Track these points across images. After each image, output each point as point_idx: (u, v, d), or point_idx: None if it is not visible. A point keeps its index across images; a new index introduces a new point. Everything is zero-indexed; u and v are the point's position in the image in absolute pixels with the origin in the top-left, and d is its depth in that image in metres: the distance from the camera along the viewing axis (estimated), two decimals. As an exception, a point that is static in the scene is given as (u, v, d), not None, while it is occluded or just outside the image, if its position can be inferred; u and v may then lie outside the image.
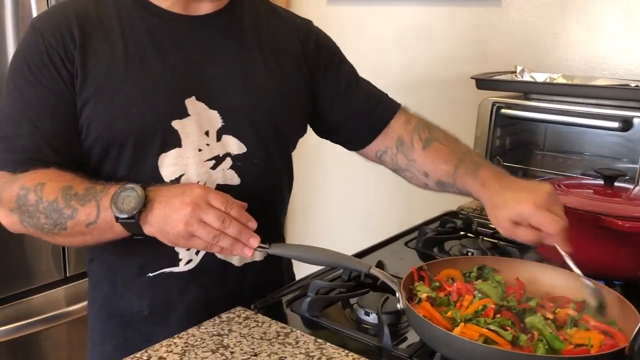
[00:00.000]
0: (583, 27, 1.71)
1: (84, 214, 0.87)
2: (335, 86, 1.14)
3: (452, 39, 1.96)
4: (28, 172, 0.93)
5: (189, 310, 1.03)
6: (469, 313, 0.87)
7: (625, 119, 1.30)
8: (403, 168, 1.16)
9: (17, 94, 0.96)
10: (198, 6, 1.01)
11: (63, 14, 0.97)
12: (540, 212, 0.89)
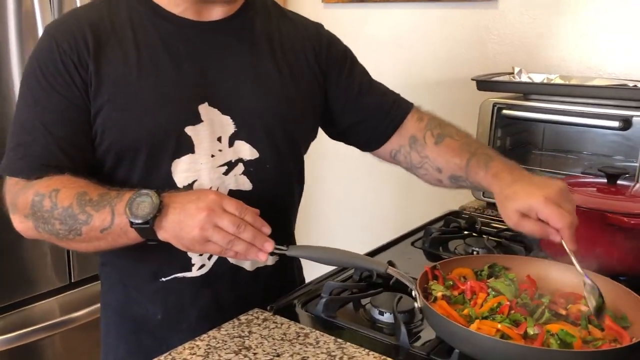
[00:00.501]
0: (578, 27, 1.74)
1: (99, 220, 0.88)
2: (349, 89, 1.15)
3: (450, 41, 1.98)
4: (42, 178, 0.93)
5: (202, 315, 1.04)
6: (484, 311, 0.89)
7: (625, 118, 1.33)
8: (417, 166, 1.17)
9: (31, 100, 0.97)
10: (210, 12, 1.02)
11: (76, 21, 0.98)
12: (549, 206, 0.90)
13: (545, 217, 0.90)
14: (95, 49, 0.95)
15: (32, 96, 0.96)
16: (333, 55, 1.13)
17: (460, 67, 1.98)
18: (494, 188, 1.00)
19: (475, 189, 1.10)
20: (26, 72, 0.99)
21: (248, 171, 1.01)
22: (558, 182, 0.95)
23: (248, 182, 1.02)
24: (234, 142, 1.00)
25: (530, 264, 1.05)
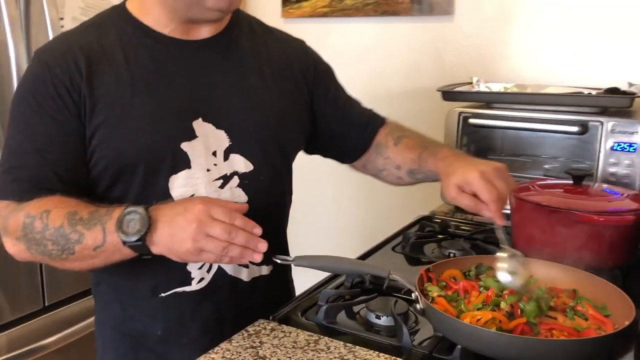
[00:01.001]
0: (530, 39, 1.86)
1: (91, 239, 0.89)
2: (334, 103, 1.21)
3: (409, 53, 2.06)
4: (33, 200, 0.93)
5: (202, 328, 1.06)
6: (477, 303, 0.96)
7: (582, 123, 1.44)
8: (380, 169, 1.24)
9: (22, 124, 0.97)
10: (197, 31, 1.04)
11: (67, 46, 0.99)
12: (481, 181, 0.97)
13: (476, 190, 0.98)
14: (87, 72, 0.96)
15: (24, 120, 0.97)
16: (319, 74, 1.19)
17: (421, 78, 2.06)
18: (439, 169, 1.09)
19: (428, 179, 1.16)
20: (18, 96, 0.99)
21: (243, 184, 1.04)
22: (497, 163, 1.03)
23: (243, 195, 1.05)
24: (229, 156, 1.03)
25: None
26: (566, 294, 1.01)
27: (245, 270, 1.07)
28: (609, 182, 1.41)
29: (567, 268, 1.07)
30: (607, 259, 1.17)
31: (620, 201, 1.24)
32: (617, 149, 1.41)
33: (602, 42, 1.76)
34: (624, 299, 0.94)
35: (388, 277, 0.97)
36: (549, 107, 1.51)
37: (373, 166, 1.26)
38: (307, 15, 2.18)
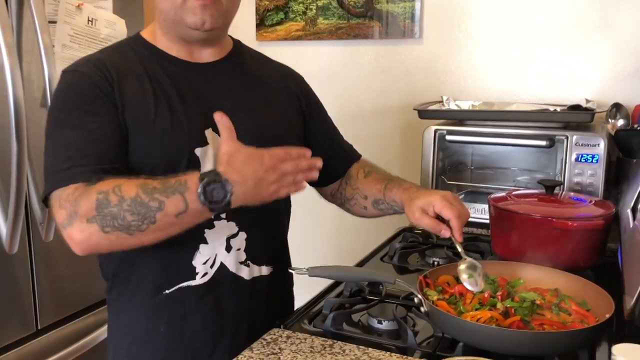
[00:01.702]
0: (495, 59, 2.00)
1: (172, 205, 0.93)
2: (322, 130, 1.33)
3: (381, 74, 2.17)
4: (99, 182, 0.96)
5: (203, 323, 1.12)
6: (475, 304, 1.06)
7: (550, 138, 1.57)
8: (348, 198, 1.35)
9: (74, 121, 1.02)
10: (200, 54, 1.16)
11: (98, 61, 1.09)
12: (443, 202, 1.13)
13: (439, 209, 1.13)
14: (117, 80, 1.06)
15: (75, 118, 1.02)
16: (312, 102, 1.31)
17: (392, 97, 2.17)
18: (403, 197, 1.22)
19: (390, 210, 1.28)
20: (59, 101, 1.06)
21: None
22: (450, 192, 1.20)
23: None
24: None
25: (498, 267, 1.22)
26: (550, 293, 1.12)
27: (246, 268, 1.15)
28: (575, 191, 1.55)
29: (548, 269, 1.19)
30: (580, 259, 1.29)
31: (587, 207, 1.36)
32: (581, 160, 1.55)
33: (559, 62, 1.91)
34: (602, 293, 1.05)
35: (394, 282, 1.05)
36: (518, 123, 1.63)
37: (341, 195, 1.36)
38: (281, 38, 2.27)
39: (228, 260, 1.12)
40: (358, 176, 1.33)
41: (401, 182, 1.27)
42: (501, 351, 0.94)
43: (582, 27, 1.87)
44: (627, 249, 1.10)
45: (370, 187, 1.30)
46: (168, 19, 1.10)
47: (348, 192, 1.34)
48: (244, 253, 1.13)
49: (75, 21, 1.62)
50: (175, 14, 1.07)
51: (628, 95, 1.82)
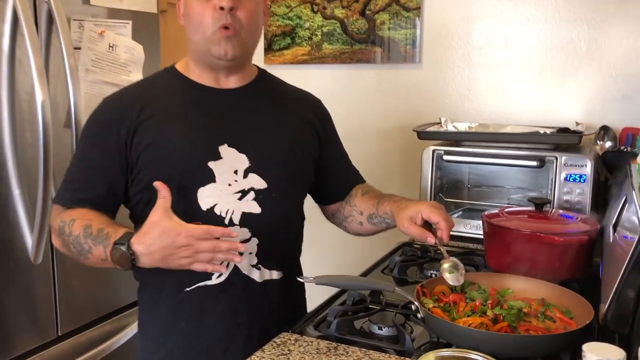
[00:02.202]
0: (490, 82, 2.11)
1: (97, 252, 1.14)
2: (334, 152, 1.46)
3: (382, 96, 2.29)
4: (71, 209, 1.20)
5: (219, 319, 1.25)
6: (467, 311, 1.15)
7: (540, 158, 1.67)
8: (346, 216, 1.45)
9: (80, 150, 1.27)
10: (226, 81, 1.30)
11: (129, 91, 1.29)
12: (430, 207, 1.25)
13: (427, 215, 1.24)
14: (141, 109, 1.22)
15: (82, 148, 1.26)
16: (328, 126, 1.44)
17: (392, 119, 2.29)
18: (393, 208, 1.33)
19: (382, 224, 1.38)
20: (83, 130, 1.28)
21: (258, 198, 1.25)
22: (435, 202, 1.35)
23: (257, 207, 1.25)
24: (248, 175, 1.25)
25: (489, 278, 1.32)
26: (536, 302, 1.22)
27: (257, 271, 1.26)
28: (564, 208, 1.65)
29: (536, 281, 1.28)
30: (567, 272, 1.39)
31: (575, 224, 1.47)
32: (569, 179, 1.65)
33: (550, 86, 2.03)
34: (584, 303, 1.15)
35: (394, 291, 1.15)
36: (511, 144, 1.74)
37: (341, 214, 1.47)
38: (288, 62, 2.39)
39: (241, 262, 1.23)
40: (357, 195, 1.45)
41: (392, 196, 1.39)
42: (489, 353, 1.03)
43: (572, 53, 1.99)
44: (606, 262, 1.20)
45: (365, 203, 1.42)
46: (199, 50, 1.24)
47: (347, 210, 1.45)
48: (255, 257, 1.25)
49: (98, 47, 1.74)
50: (205, 45, 1.22)
51: (615, 118, 1.93)
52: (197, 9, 1.21)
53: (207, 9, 1.19)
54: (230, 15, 1.19)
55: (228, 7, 1.18)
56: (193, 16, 1.22)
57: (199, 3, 1.20)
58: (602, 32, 1.94)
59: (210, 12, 1.19)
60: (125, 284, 1.88)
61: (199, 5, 1.20)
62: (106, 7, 1.77)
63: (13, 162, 1.56)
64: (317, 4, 2.31)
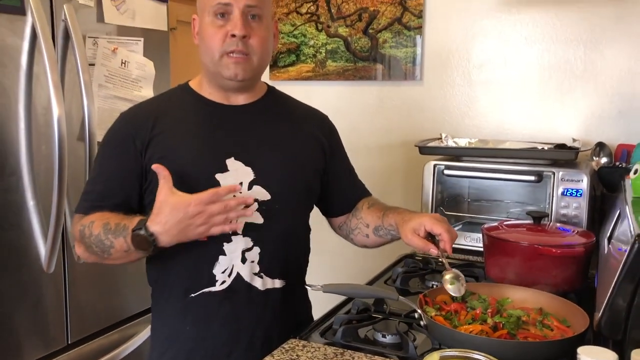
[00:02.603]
0: (490, 99, 2.18)
1: (119, 245, 1.19)
2: (341, 166, 1.51)
3: (384, 112, 2.35)
4: (89, 215, 1.27)
5: (222, 324, 1.30)
6: (468, 319, 1.20)
7: (538, 173, 1.73)
8: (353, 228, 1.50)
9: (99, 163, 1.32)
10: (235, 98, 1.35)
11: (145, 106, 1.35)
12: (432, 219, 1.30)
13: (430, 227, 1.28)
14: (154, 123, 1.28)
15: (100, 160, 1.32)
16: (335, 141, 1.49)
17: (394, 134, 2.35)
18: (397, 220, 1.38)
19: (387, 236, 1.43)
20: (101, 143, 1.34)
21: (261, 209, 1.30)
22: (437, 214, 1.40)
23: (260, 217, 1.30)
24: (253, 187, 1.30)
25: (489, 288, 1.37)
26: (534, 311, 1.26)
27: (259, 279, 1.31)
28: (561, 222, 1.70)
29: (534, 291, 1.33)
30: (564, 283, 1.43)
31: (571, 237, 1.52)
32: (566, 194, 1.71)
33: (547, 104, 2.09)
34: (580, 312, 1.20)
35: (397, 299, 1.20)
36: (510, 160, 1.80)
37: (347, 227, 1.52)
38: (292, 78, 2.45)
39: (243, 271, 1.29)
40: (363, 208, 1.50)
41: (397, 209, 1.43)
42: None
43: (569, 72, 2.05)
44: (601, 273, 1.25)
45: (371, 215, 1.46)
46: (209, 70, 1.31)
47: (353, 222, 1.50)
48: (257, 265, 1.30)
49: (111, 63, 1.80)
50: (214, 67, 1.28)
51: (611, 135, 2.00)
52: (209, 32, 1.26)
53: (219, 34, 1.25)
54: (242, 42, 1.24)
55: (240, 35, 1.23)
56: (205, 39, 1.28)
57: (212, 27, 1.26)
58: (598, 52, 2.01)
59: (222, 37, 1.25)
60: (134, 293, 1.93)
61: (212, 29, 1.26)
62: (119, 25, 1.84)
63: (28, 173, 1.61)
64: (322, 22, 2.38)
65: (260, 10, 1.28)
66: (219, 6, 1.24)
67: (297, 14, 2.41)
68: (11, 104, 1.57)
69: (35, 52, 1.59)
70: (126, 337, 1.92)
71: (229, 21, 1.25)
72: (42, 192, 1.64)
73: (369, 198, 1.54)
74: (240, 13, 1.24)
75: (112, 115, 1.80)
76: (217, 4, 1.24)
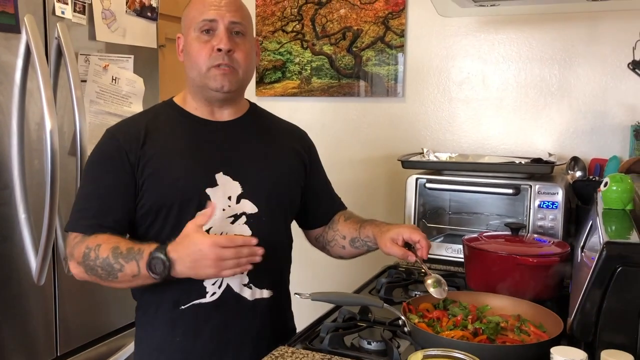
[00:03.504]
0: (469, 114, 2.25)
1: (129, 269, 1.21)
2: (318, 181, 1.57)
3: (368, 127, 2.42)
4: (92, 235, 1.26)
5: (212, 334, 1.34)
6: (450, 325, 1.26)
7: (516, 186, 1.81)
8: (329, 240, 1.57)
9: (92, 178, 1.33)
10: (221, 113, 1.41)
11: (132, 122, 1.37)
12: (411, 229, 1.39)
13: (408, 236, 1.38)
14: (144, 139, 1.32)
15: (94, 175, 1.33)
16: (313, 156, 1.55)
17: (377, 148, 2.41)
18: (375, 231, 1.46)
19: (364, 247, 1.50)
20: (91, 159, 1.35)
21: (249, 222, 1.36)
22: (413, 225, 1.49)
23: (248, 230, 1.35)
24: (240, 200, 1.35)
25: (470, 296, 1.43)
26: (513, 317, 1.33)
27: (248, 290, 1.36)
28: (538, 233, 1.77)
29: (512, 298, 1.40)
30: (540, 291, 1.50)
31: (548, 247, 1.59)
32: (543, 206, 1.78)
33: (524, 120, 2.17)
34: (555, 317, 1.26)
35: (382, 307, 1.25)
36: (489, 173, 1.88)
37: (324, 239, 1.58)
38: (278, 94, 2.52)
39: (233, 282, 1.33)
40: (339, 220, 1.57)
41: (373, 221, 1.51)
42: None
43: (545, 89, 2.14)
44: (575, 280, 1.32)
45: (348, 227, 1.53)
46: (195, 84, 1.36)
47: (330, 234, 1.56)
48: (246, 277, 1.35)
49: (102, 80, 1.85)
50: (201, 80, 1.33)
51: (584, 150, 2.08)
52: (195, 48, 1.32)
53: (205, 49, 1.31)
54: (227, 56, 1.31)
55: (226, 49, 1.30)
56: (192, 54, 1.33)
57: (198, 43, 1.32)
58: (572, 71, 2.10)
59: (208, 52, 1.31)
60: (121, 307, 1.95)
61: (198, 45, 1.32)
62: (110, 43, 1.88)
63: (21, 187, 1.64)
64: (307, 40, 2.45)
65: (244, 28, 1.34)
66: (204, 22, 1.31)
67: (283, 32, 2.48)
68: (5, 120, 1.61)
69: (29, 68, 1.63)
70: (114, 350, 1.94)
71: (214, 37, 1.31)
72: (33, 206, 1.67)
73: (345, 211, 1.61)
74: (224, 29, 1.30)
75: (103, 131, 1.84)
76: (202, 20, 1.31)
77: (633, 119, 2.01)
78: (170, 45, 2.21)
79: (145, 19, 2.00)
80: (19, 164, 1.63)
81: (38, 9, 1.65)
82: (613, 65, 2.04)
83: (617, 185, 1.37)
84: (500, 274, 1.52)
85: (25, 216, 1.66)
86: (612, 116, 2.06)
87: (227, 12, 1.31)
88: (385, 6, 2.31)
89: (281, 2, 2.47)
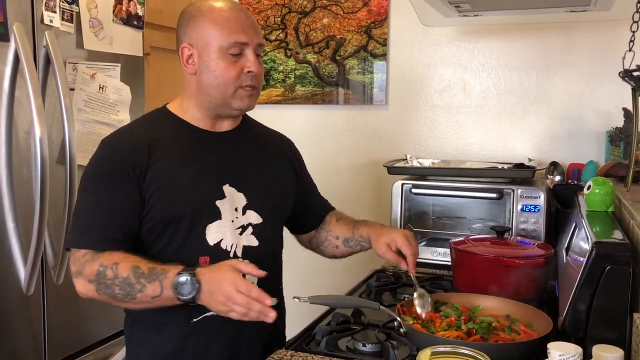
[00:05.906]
0: (451, 121, 2.31)
1: (151, 290, 1.18)
2: (306, 186, 1.60)
3: (352, 134, 2.46)
4: (105, 252, 1.22)
5: (224, 345, 1.34)
6: (443, 326, 1.30)
7: (499, 191, 1.86)
8: (322, 241, 1.60)
9: (95, 192, 1.28)
10: (221, 125, 1.41)
11: (131, 134, 1.34)
12: (403, 239, 1.42)
13: (400, 246, 1.42)
14: (149, 152, 1.29)
15: (96, 189, 1.28)
16: (300, 162, 1.59)
17: (362, 155, 2.45)
18: (370, 233, 1.50)
19: (357, 247, 1.54)
20: (90, 172, 1.30)
21: (255, 232, 1.37)
22: (408, 231, 1.52)
23: (255, 240, 1.37)
24: (246, 211, 1.37)
25: (461, 297, 1.47)
26: (503, 317, 1.37)
27: None
28: (522, 236, 1.83)
29: (501, 299, 1.44)
30: (527, 291, 1.55)
31: (532, 249, 1.64)
32: (525, 210, 1.84)
33: (504, 126, 2.24)
34: (543, 316, 1.31)
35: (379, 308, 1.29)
36: (472, 179, 1.93)
37: (317, 240, 1.61)
38: (263, 102, 2.54)
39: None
40: (331, 221, 1.60)
41: (366, 222, 1.55)
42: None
43: (523, 97, 2.21)
44: (561, 280, 1.37)
45: (341, 228, 1.57)
46: (212, 101, 1.33)
47: (322, 235, 1.60)
48: (256, 285, 1.33)
49: (90, 88, 1.84)
50: (224, 99, 1.32)
51: (562, 155, 2.16)
52: (222, 66, 1.29)
53: (234, 70, 1.29)
54: (255, 78, 1.32)
55: (256, 71, 1.31)
56: (217, 72, 1.30)
57: (225, 62, 1.29)
58: (549, 79, 2.17)
59: (237, 73, 1.30)
60: (107, 316, 1.94)
61: (224, 64, 1.29)
62: (98, 51, 1.88)
63: (9, 197, 1.62)
64: (290, 49, 2.48)
65: (263, 49, 1.38)
66: (235, 44, 1.29)
67: (266, 40, 2.50)
68: (-7, 128, 1.59)
69: (17, 76, 1.62)
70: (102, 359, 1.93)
71: (242, 57, 1.31)
72: (22, 215, 1.66)
73: (335, 212, 1.64)
74: (253, 51, 1.31)
75: (91, 139, 1.85)
76: (234, 42, 1.29)
77: (608, 125, 2.09)
78: (155, 54, 2.22)
79: (132, 28, 2.00)
80: (7, 173, 1.62)
81: (27, 18, 1.64)
82: (588, 73, 2.12)
83: (600, 188, 1.43)
84: (488, 275, 1.57)
85: (14, 225, 1.65)
86: (588, 122, 2.14)
87: (254, 34, 1.31)
88: (367, 15, 2.35)
89: (264, 10, 2.50)
